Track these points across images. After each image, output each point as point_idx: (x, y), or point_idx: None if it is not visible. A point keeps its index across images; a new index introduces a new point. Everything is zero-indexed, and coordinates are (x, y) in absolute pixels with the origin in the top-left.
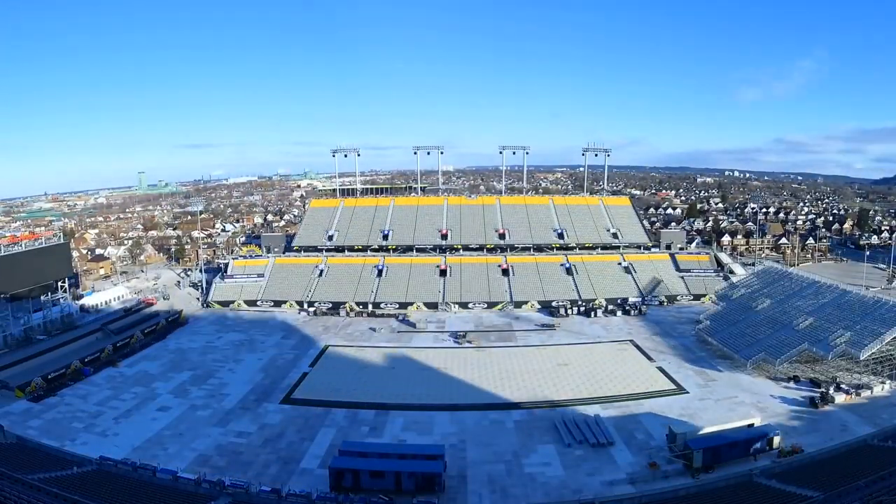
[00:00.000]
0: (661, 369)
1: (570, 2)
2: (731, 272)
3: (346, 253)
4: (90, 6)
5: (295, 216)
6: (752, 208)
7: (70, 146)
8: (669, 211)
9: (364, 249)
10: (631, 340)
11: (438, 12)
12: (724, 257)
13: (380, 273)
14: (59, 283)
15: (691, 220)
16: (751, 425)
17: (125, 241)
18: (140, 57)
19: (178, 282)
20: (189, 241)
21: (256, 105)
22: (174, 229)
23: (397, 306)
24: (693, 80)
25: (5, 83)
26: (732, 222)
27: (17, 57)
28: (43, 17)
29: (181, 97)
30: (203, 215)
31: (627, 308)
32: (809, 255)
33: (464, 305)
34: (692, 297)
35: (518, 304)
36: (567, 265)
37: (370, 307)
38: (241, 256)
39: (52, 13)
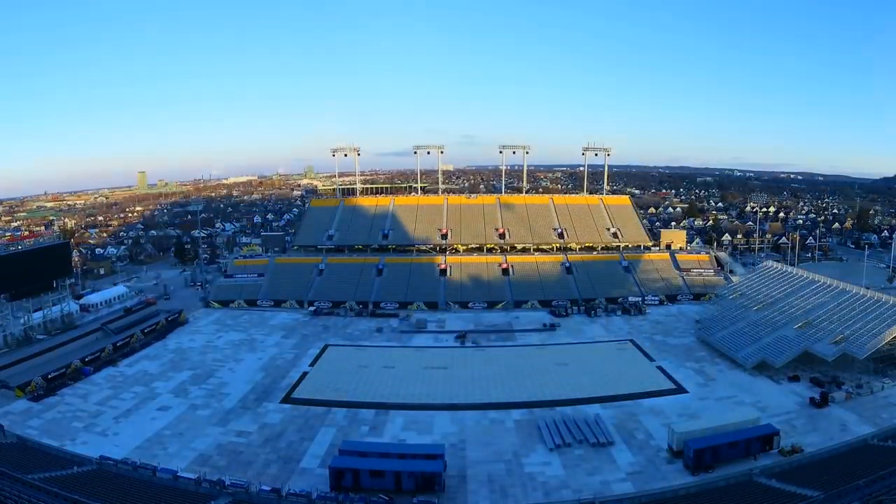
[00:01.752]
0: (661, 369)
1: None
2: (731, 272)
3: (346, 253)
4: (88, 5)
5: (295, 216)
6: (752, 208)
7: (70, 145)
8: (669, 211)
9: (364, 249)
10: (631, 340)
11: (442, 11)
12: (724, 257)
13: (380, 273)
14: (59, 283)
15: (691, 219)
16: (750, 424)
17: (125, 241)
18: (141, 55)
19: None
20: (189, 240)
21: (256, 104)
22: (174, 229)
23: (397, 306)
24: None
25: (6, 82)
26: (732, 221)
27: (15, 55)
28: (40, 13)
29: (181, 95)
30: (203, 215)
31: (627, 308)
32: (809, 255)
33: (464, 305)
34: (692, 297)
35: (518, 304)
36: (567, 265)
37: (370, 307)
38: (241, 256)
39: (50, 10)
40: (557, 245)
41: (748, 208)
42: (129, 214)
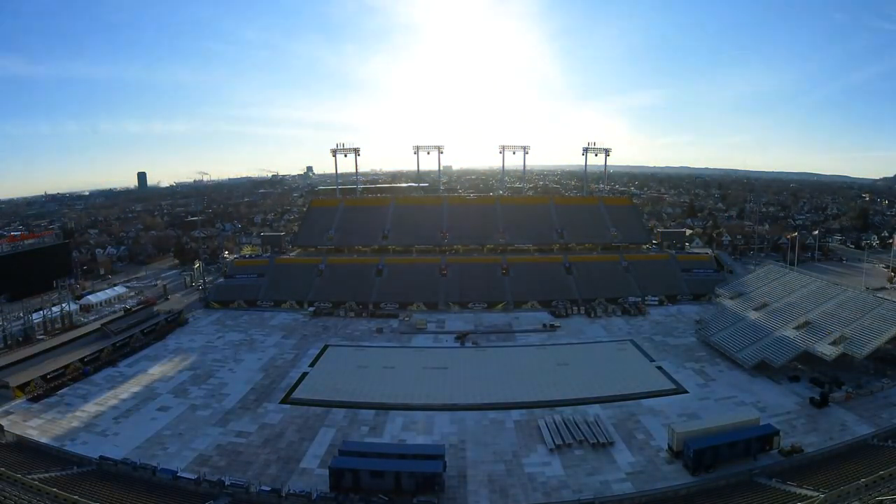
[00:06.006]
0: (660, 369)
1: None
2: (731, 272)
3: (346, 253)
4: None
5: (295, 216)
6: (753, 208)
7: (70, 145)
8: (669, 210)
9: (364, 249)
10: (631, 340)
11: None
12: (724, 257)
13: (380, 273)
14: (59, 283)
15: (691, 219)
16: (750, 424)
17: (125, 241)
18: (141, 54)
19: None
20: (189, 240)
21: (257, 104)
22: (174, 229)
23: (397, 306)
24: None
25: (6, 82)
26: (733, 222)
27: (16, 55)
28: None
29: (180, 95)
30: (202, 215)
31: (627, 308)
32: (809, 255)
33: (464, 305)
34: (692, 297)
35: (518, 305)
36: (567, 265)
37: (370, 307)
38: (241, 256)
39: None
40: (557, 245)
41: (748, 208)
42: (129, 214)
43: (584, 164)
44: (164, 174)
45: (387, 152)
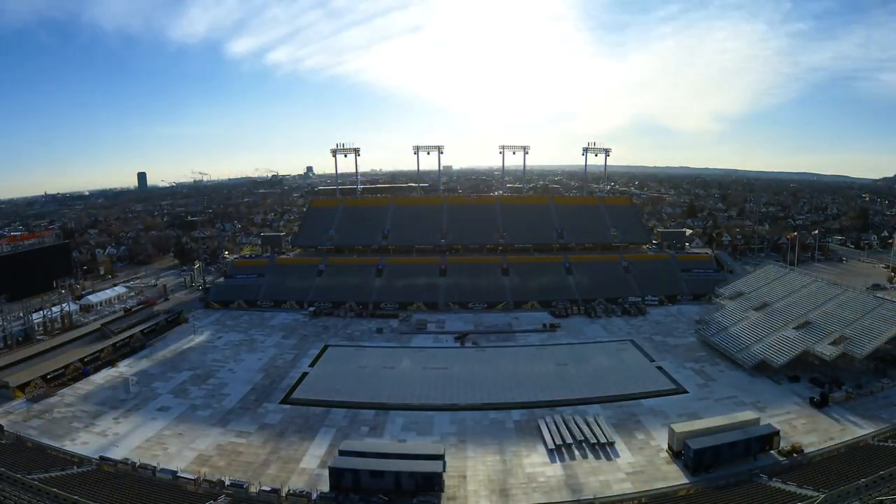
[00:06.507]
0: (660, 369)
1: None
2: (731, 272)
3: (346, 253)
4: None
5: (295, 216)
6: (752, 208)
7: (70, 146)
8: (669, 210)
9: (364, 250)
10: (631, 340)
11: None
12: (724, 257)
13: (380, 273)
14: (59, 283)
15: (691, 219)
16: (750, 424)
17: (125, 241)
18: (141, 54)
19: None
20: (189, 240)
21: (256, 104)
22: (174, 229)
23: (397, 306)
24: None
25: (6, 83)
26: (732, 222)
27: (17, 57)
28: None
29: (179, 95)
30: (202, 215)
31: (627, 308)
32: (809, 255)
33: (464, 305)
34: (692, 297)
35: (518, 305)
36: (567, 265)
37: (370, 307)
38: (241, 256)
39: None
40: (557, 245)
41: (748, 208)
42: (129, 214)
43: (584, 164)
44: (164, 174)
45: (387, 152)
